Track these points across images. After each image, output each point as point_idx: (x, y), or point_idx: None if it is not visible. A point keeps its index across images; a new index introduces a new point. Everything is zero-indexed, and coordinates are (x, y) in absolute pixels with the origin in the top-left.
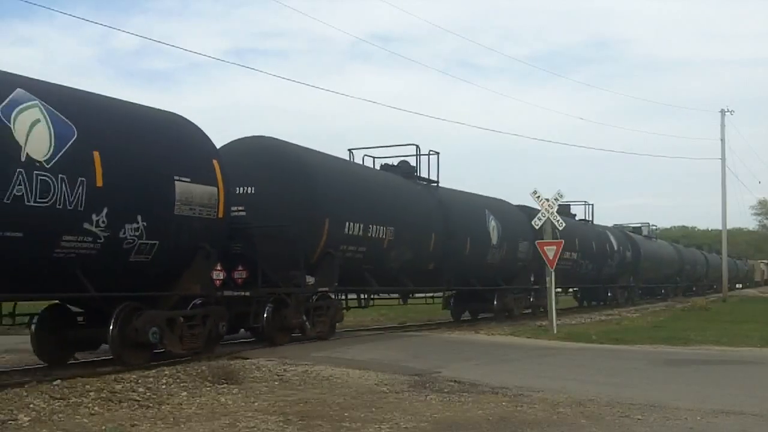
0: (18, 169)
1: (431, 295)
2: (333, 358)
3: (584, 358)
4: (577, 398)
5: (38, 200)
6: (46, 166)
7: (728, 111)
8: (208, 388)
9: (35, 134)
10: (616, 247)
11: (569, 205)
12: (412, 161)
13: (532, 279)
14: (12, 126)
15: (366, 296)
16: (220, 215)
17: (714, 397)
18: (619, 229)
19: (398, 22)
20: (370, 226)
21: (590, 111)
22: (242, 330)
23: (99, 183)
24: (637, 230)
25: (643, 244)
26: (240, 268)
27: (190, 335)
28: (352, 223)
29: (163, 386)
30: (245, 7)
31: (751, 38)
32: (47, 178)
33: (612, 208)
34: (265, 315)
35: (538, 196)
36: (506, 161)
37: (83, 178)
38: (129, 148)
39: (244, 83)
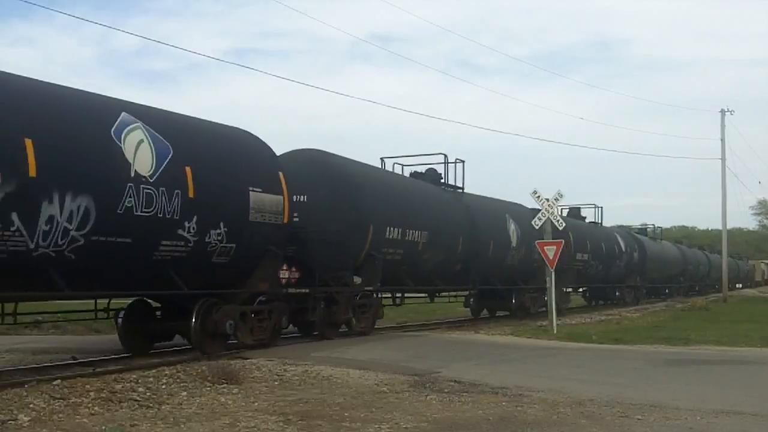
0: (129, 184)
1: (454, 294)
2: (333, 358)
3: (584, 358)
4: (577, 398)
5: (144, 210)
6: (150, 180)
7: (728, 111)
8: (208, 388)
9: (140, 153)
10: (624, 249)
11: (579, 208)
12: (437, 167)
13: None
14: (122, 146)
15: (401, 295)
16: (285, 221)
17: (714, 397)
18: (627, 231)
19: (398, 22)
20: (407, 230)
21: (590, 111)
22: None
23: (191, 194)
24: (642, 231)
25: (648, 245)
26: (293, 268)
27: (258, 328)
28: (391, 228)
29: (163, 386)
30: (245, 7)
31: (751, 38)
32: (151, 191)
33: (612, 208)
34: (316, 311)
35: (538, 196)
36: (506, 161)
37: (179, 191)
38: (213, 163)
39: (244, 83)
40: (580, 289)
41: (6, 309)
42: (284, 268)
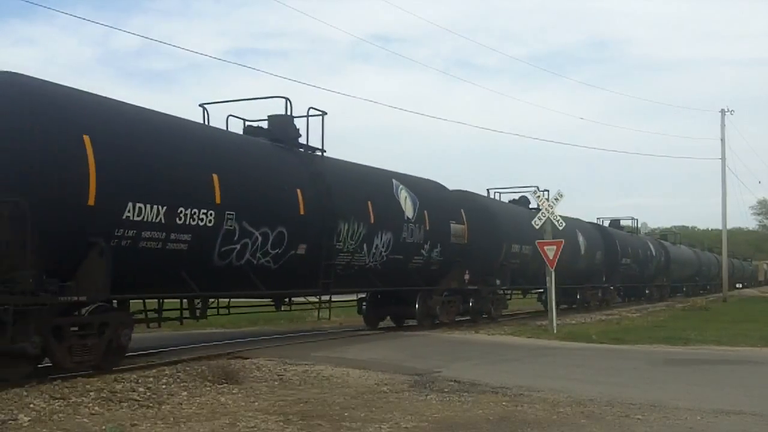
0: (404, 223)
1: (535, 291)
2: (333, 357)
3: (584, 358)
4: (577, 398)
5: (408, 239)
6: (412, 219)
7: (728, 111)
8: (208, 388)
9: (407, 203)
10: (654, 253)
11: (619, 220)
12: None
13: (603, 279)
14: (399, 200)
15: (510, 292)
16: (466, 242)
17: (714, 397)
18: (655, 238)
19: (398, 22)
20: (522, 246)
21: (590, 111)
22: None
23: (427, 227)
24: (664, 236)
25: (671, 249)
26: (467, 273)
27: (449, 311)
28: (516, 245)
29: (164, 386)
30: (246, 7)
31: (751, 38)
32: (412, 226)
33: (612, 208)
34: (471, 303)
35: (539, 196)
36: (506, 161)
37: (422, 226)
38: (436, 205)
39: (245, 83)
40: (612, 287)
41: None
42: (467, 272)
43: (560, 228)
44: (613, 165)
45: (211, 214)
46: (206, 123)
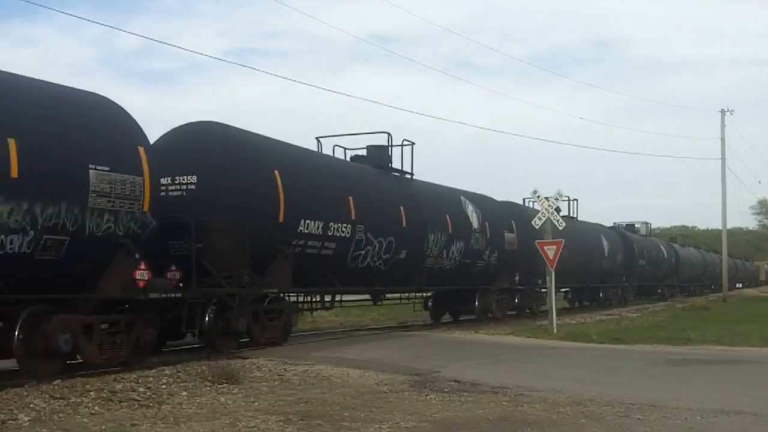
0: (471, 233)
1: (564, 290)
2: (333, 358)
3: (584, 358)
4: (577, 398)
5: (475, 246)
6: (477, 230)
7: (728, 111)
8: (209, 388)
9: (473, 216)
10: (665, 255)
11: (634, 224)
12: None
13: (623, 278)
14: (468, 213)
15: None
16: (516, 248)
17: (714, 397)
18: (666, 241)
19: (398, 22)
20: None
21: (590, 111)
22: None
23: (488, 236)
24: (673, 239)
25: (680, 251)
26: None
27: (502, 307)
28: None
29: (164, 386)
30: (246, 8)
31: (751, 38)
32: (478, 235)
33: (612, 208)
34: (516, 300)
35: (539, 196)
36: (506, 161)
37: (484, 235)
38: (493, 216)
39: (245, 83)
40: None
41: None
42: (516, 274)
43: (560, 228)
44: (613, 165)
45: (348, 227)
46: (320, 151)
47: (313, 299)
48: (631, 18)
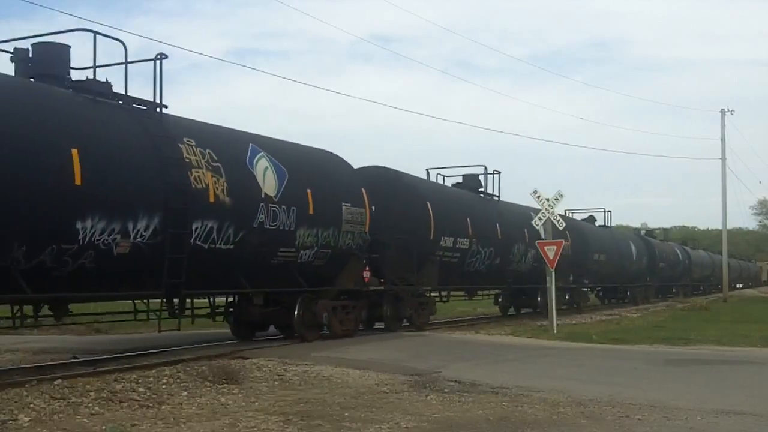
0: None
1: (586, 289)
2: (333, 358)
3: (584, 358)
4: (577, 398)
5: (535, 253)
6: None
7: (728, 111)
8: (209, 388)
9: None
10: (680, 257)
11: (653, 230)
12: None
13: (647, 279)
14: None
15: (588, 290)
16: (569, 254)
17: (714, 397)
18: (678, 244)
19: (399, 23)
20: (599, 254)
21: (590, 111)
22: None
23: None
24: (684, 242)
25: (692, 253)
26: None
27: (558, 303)
28: (597, 254)
29: (164, 386)
30: (246, 8)
31: (751, 38)
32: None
33: (612, 208)
34: (567, 297)
35: (539, 196)
36: (506, 161)
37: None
38: (555, 230)
39: (245, 83)
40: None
41: None
42: (570, 275)
43: (560, 228)
44: (613, 165)
45: (467, 241)
46: (429, 179)
47: (442, 294)
48: (631, 18)
